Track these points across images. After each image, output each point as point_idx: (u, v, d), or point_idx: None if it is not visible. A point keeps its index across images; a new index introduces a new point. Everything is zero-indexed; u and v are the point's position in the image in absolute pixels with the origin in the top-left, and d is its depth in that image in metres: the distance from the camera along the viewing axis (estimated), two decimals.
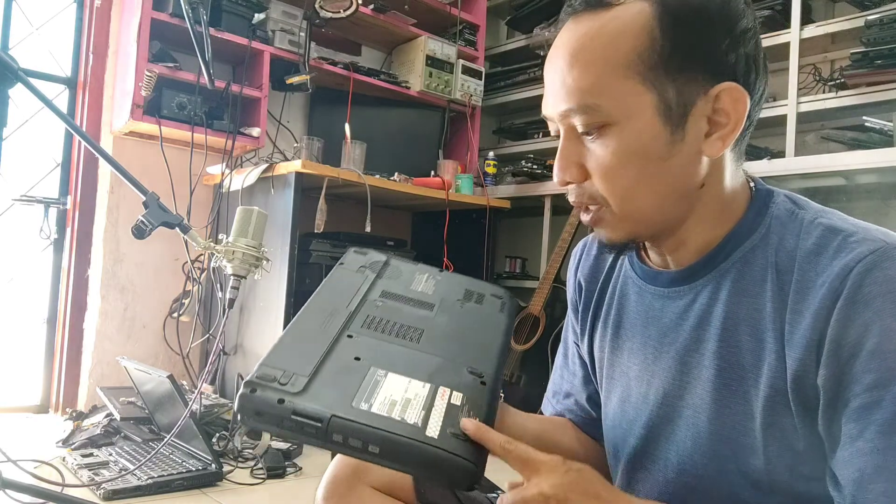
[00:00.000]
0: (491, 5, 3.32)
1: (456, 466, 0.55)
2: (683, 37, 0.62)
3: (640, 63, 0.62)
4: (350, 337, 0.67)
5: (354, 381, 0.60)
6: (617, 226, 0.68)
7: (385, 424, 0.56)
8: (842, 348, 0.58)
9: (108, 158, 1.46)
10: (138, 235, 1.40)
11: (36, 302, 2.59)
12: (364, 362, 0.64)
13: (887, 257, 0.58)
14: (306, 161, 2.34)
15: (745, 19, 0.64)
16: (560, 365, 0.94)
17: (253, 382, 0.58)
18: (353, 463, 0.81)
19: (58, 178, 2.62)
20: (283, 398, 0.56)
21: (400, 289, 0.78)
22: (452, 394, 0.62)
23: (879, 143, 2.13)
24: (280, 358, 0.62)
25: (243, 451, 2.01)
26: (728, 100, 0.63)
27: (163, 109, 2.35)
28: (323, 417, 0.55)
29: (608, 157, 0.64)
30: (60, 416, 2.45)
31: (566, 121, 0.66)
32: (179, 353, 2.59)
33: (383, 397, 0.59)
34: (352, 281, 0.78)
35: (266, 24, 2.62)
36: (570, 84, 0.64)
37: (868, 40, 2.14)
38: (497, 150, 3.26)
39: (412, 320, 0.72)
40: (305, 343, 0.65)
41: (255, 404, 0.57)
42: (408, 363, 0.65)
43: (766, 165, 2.25)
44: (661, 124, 0.63)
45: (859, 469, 0.56)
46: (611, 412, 0.80)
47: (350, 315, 0.71)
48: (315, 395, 0.57)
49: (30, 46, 2.58)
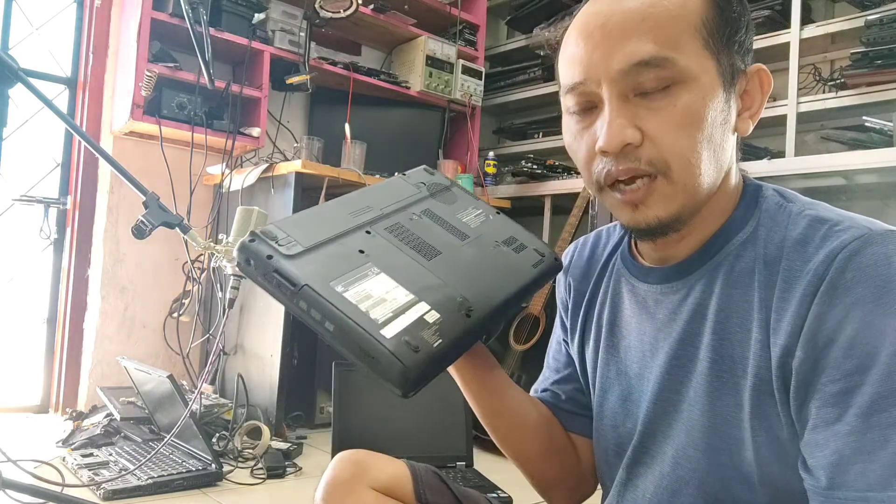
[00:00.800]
0: (491, 5, 3.32)
1: (392, 368, 0.56)
2: (730, 14, 0.66)
3: (704, 28, 0.64)
4: (368, 233, 0.69)
5: (344, 267, 0.63)
6: (671, 197, 0.65)
7: (348, 309, 0.58)
8: (820, 332, 0.58)
9: (108, 158, 1.46)
10: (138, 235, 1.40)
11: (36, 302, 2.59)
12: (365, 256, 0.65)
13: (871, 242, 0.58)
14: (306, 161, 2.34)
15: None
16: (546, 362, 0.95)
17: (256, 234, 0.62)
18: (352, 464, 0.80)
19: (58, 178, 2.62)
20: (272, 255, 0.60)
21: (444, 213, 0.78)
22: (430, 311, 0.62)
23: (879, 143, 2.13)
24: (292, 224, 0.65)
25: (243, 451, 2.01)
26: (758, 81, 0.68)
27: (163, 109, 2.35)
28: (297, 283, 0.59)
29: (677, 115, 0.62)
30: (60, 416, 2.45)
31: (624, 80, 0.63)
32: (179, 353, 2.59)
33: (362, 289, 0.61)
34: (402, 190, 0.78)
35: (266, 24, 2.62)
36: (641, 35, 0.62)
37: (868, 40, 2.14)
38: (497, 150, 3.26)
39: (436, 241, 0.72)
40: (324, 222, 0.67)
41: (249, 252, 0.61)
42: (406, 273, 0.66)
43: (766, 165, 2.25)
44: (721, 89, 0.65)
45: (837, 451, 0.57)
46: (609, 411, 0.79)
47: (381, 216, 0.72)
48: (302, 263, 0.61)
49: (30, 46, 2.58)
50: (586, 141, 0.67)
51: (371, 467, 0.80)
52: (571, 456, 0.88)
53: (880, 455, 0.55)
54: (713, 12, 0.64)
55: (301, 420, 2.43)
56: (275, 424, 2.19)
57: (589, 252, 0.87)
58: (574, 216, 2.57)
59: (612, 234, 0.86)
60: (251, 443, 2.06)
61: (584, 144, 0.68)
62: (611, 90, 0.64)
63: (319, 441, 2.28)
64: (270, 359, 2.31)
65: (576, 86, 0.66)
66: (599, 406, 0.81)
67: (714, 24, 0.64)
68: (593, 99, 0.66)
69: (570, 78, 0.67)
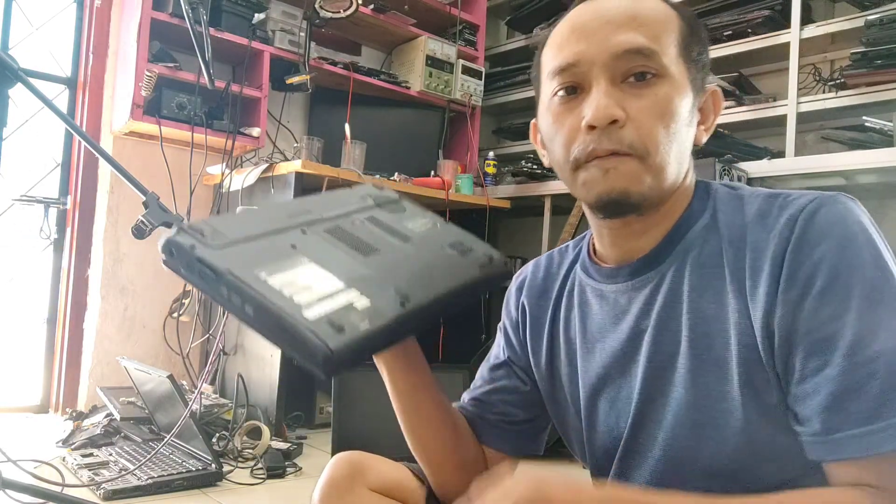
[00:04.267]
0: (491, 5, 3.32)
1: (313, 348, 0.54)
2: (699, 35, 0.73)
3: (681, 40, 0.70)
4: (304, 232, 0.67)
5: (270, 258, 0.61)
6: (640, 177, 0.68)
7: (269, 293, 0.56)
8: (795, 287, 0.62)
9: (108, 158, 1.46)
10: (138, 235, 1.40)
11: (36, 302, 2.59)
12: (296, 250, 0.63)
13: (824, 203, 0.64)
14: (306, 161, 2.34)
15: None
16: (478, 373, 0.94)
17: (181, 227, 0.61)
18: (350, 465, 0.80)
19: (58, 178, 2.62)
20: (195, 245, 0.59)
21: (390, 220, 0.75)
22: (361, 298, 0.60)
23: (879, 143, 2.13)
24: (223, 222, 0.64)
25: (243, 451, 2.01)
26: (714, 98, 0.75)
27: (163, 109, 2.35)
28: (219, 270, 0.57)
29: (659, 105, 0.68)
30: (60, 416, 2.45)
31: (614, 65, 0.68)
32: (179, 353, 2.59)
33: (287, 277, 0.59)
34: (348, 199, 0.76)
35: (266, 24, 2.62)
36: (635, 28, 0.68)
37: (868, 40, 2.14)
38: (497, 150, 3.26)
39: (376, 241, 0.70)
40: (256, 221, 0.66)
41: (172, 244, 0.60)
42: (339, 265, 0.63)
43: (766, 165, 2.25)
44: (691, 95, 0.71)
45: (830, 394, 0.59)
46: (601, 416, 0.79)
47: (320, 219, 0.70)
48: (226, 253, 0.60)
49: (30, 46, 2.58)
50: (570, 122, 0.70)
51: (369, 468, 0.80)
52: (479, 472, 0.87)
53: (869, 389, 0.57)
54: (687, 29, 0.71)
55: (301, 420, 2.43)
56: (275, 424, 2.19)
57: (543, 272, 0.88)
58: (574, 216, 2.57)
59: (564, 253, 0.88)
60: (251, 443, 2.07)
61: (567, 124, 0.70)
62: (601, 73, 0.68)
63: (319, 441, 2.28)
64: (270, 359, 2.31)
65: (568, 66, 0.70)
66: (589, 416, 0.80)
67: (687, 39, 0.71)
68: (581, 82, 0.70)
69: (563, 59, 0.71)
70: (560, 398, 0.85)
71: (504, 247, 3.19)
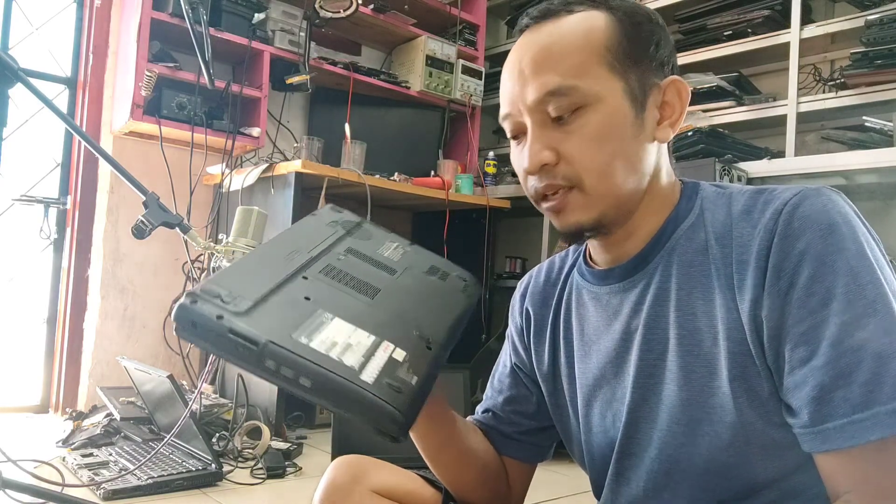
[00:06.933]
0: (491, 5, 3.32)
1: (384, 413, 0.55)
2: (637, 35, 0.71)
3: (608, 53, 0.69)
4: (305, 279, 0.66)
5: (298, 317, 0.59)
6: (588, 206, 0.71)
7: (321, 360, 0.55)
8: (781, 279, 0.63)
9: (108, 158, 1.46)
10: (138, 235, 1.40)
11: (36, 302, 2.59)
12: (313, 303, 0.63)
13: (807, 196, 0.65)
14: (306, 161, 2.34)
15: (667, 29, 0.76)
16: (488, 384, 0.96)
17: (195, 294, 0.56)
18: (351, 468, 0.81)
19: (58, 178, 2.62)
20: (222, 315, 0.55)
21: (366, 250, 0.78)
22: (395, 349, 0.61)
23: (879, 143, 2.13)
24: (229, 279, 0.60)
25: (243, 451, 2.01)
26: (674, 91, 0.73)
27: (163, 109, 2.35)
28: (259, 341, 0.54)
29: (587, 135, 0.69)
30: (60, 416, 2.45)
31: (539, 109, 0.70)
32: (179, 353, 2.59)
33: (325, 337, 0.58)
34: (320, 231, 0.77)
35: (266, 24, 2.62)
36: (549, 69, 0.69)
37: (868, 40, 2.15)
38: (497, 150, 3.26)
39: (371, 278, 0.72)
40: (259, 273, 0.64)
41: (193, 315, 0.55)
42: (357, 314, 0.64)
43: (766, 165, 2.25)
44: (629, 107, 0.70)
45: (817, 384, 0.59)
46: (596, 419, 0.80)
47: (310, 259, 0.70)
48: (256, 319, 0.56)
49: (30, 46, 2.58)
50: (519, 162, 0.74)
51: (371, 472, 0.81)
52: (503, 484, 0.90)
53: (856, 377, 0.58)
54: (618, 37, 0.70)
55: (301, 420, 2.43)
56: (275, 424, 2.19)
57: (544, 278, 0.90)
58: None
59: (565, 259, 0.90)
60: (251, 443, 2.07)
61: (519, 166, 0.75)
62: (531, 118, 0.71)
63: (319, 441, 2.28)
64: None
65: (506, 116, 0.75)
66: (586, 418, 0.81)
67: (619, 48, 0.70)
68: (521, 127, 0.73)
69: (503, 108, 0.75)
70: (562, 402, 0.86)
71: (504, 247, 3.20)
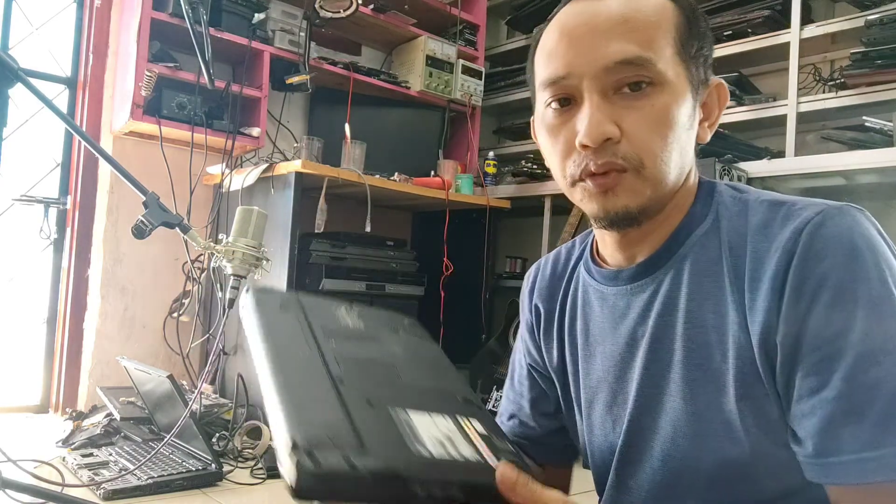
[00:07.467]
0: (491, 5, 3.32)
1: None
2: (698, 29, 0.69)
3: (678, 38, 0.67)
4: (343, 383, 0.58)
5: (391, 427, 0.54)
6: (640, 190, 0.67)
7: (455, 468, 0.53)
8: (799, 303, 0.59)
9: (108, 158, 1.46)
10: (138, 235, 1.40)
11: (36, 302, 2.59)
12: (377, 405, 0.57)
13: (832, 215, 0.61)
14: (306, 161, 2.34)
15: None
16: (507, 387, 0.94)
17: (306, 448, 0.44)
18: None
19: (58, 178, 2.62)
20: (351, 460, 0.45)
21: (335, 326, 0.71)
22: (472, 421, 0.60)
23: (879, 143, 2.13)
24: (305, 414, 0.49)
25: (243, 451, 2.01)
26: (717, 94, 0.72)
27: (163, 109, 2.35)
28: (399, 471, 0.47)
29: (653, 115, 0.65)
30: (60, 416, 2.45)
31: (606, 78, 0.65)
32: (179, 353, 2.59)
33: (426, 437, 0.54)
34: (289, 324, 0.67)
35: (266, 23, 2.62)
36: (625, 38, 0.65)
37: (868, 40, 2.15)
38: (497, 150, 3.26)
39: (373, 355, 0.68)
40: (311, 396, 0.54)
41: (324, 473, 0.44)
42: (409, 398, 0.61)
43: (766, 165, 2.25)
44: (690, 97, 0.68)
45: (825, 417, 0.57)
46: (597, 420, 0.79)
47: (323, 362, 0.61)
48: (371, 449, 0.47)
49: (30, 46, 2.58)
50: (564, 136, 0.69)
51: None
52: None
53: (869, 414, 0.55)
54: (685, 25, 0.68)
55: None
56: None
57: (550, 271, 0.87)
58: (574, 216, 2.57)
59: (571, 250, 0.87)
60: (251, 443, 2.07)
61: (562, 139, 0.69)
62: (593, 86, 0.66)
63: None
64: None
65: (558, 79, 0.68)
66: (588, 418, 0.80)
67: (685, 36, 0.68)
68: (573, 94, 0.68)
69: (553, 72, 0.68)
70: (569, 399, 0.85)
71: (504, 247, 3.20)
